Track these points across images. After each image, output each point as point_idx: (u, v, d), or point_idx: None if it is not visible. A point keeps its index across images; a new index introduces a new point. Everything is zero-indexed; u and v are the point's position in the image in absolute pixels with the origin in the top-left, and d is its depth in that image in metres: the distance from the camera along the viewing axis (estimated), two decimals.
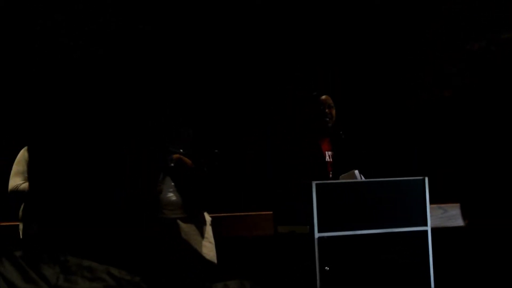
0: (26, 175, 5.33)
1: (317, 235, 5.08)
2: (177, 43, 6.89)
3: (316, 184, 5.08)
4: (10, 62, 6.43)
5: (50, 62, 6.48)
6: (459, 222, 5.84)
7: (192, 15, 6.89)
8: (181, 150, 5.60)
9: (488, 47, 6.41)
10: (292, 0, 7.08)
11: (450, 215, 6.22)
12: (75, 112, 6.21)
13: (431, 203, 5.45)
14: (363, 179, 5.43)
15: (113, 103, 6.48)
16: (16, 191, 5.33)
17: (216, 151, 5.54)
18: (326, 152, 5.77)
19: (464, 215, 5.93)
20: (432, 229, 5.33)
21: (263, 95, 7.18)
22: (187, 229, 5.54)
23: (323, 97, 5.80)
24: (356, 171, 5.43)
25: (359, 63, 7.25)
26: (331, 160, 5.78)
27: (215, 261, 5.59)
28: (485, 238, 5.93)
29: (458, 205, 5.71)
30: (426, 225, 5.30)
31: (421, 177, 5.32)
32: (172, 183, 5.51)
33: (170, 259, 4.56)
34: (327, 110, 5.74)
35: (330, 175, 5.75)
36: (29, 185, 5.27)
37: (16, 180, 5.35)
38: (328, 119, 5.73)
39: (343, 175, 5.50)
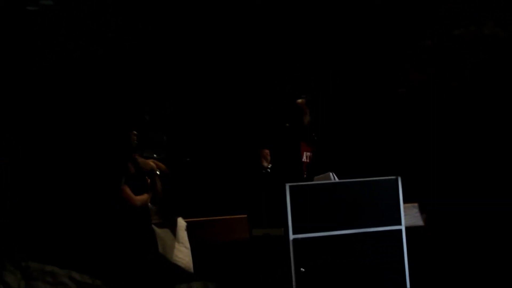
0: None
1: (291, 237, 5.09)
2: (169, 44, 6.87)
3: (290, 186, 5.10)
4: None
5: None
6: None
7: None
8: (155, 156, 5.59)
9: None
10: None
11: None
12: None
13: (406, 202, 5.49)
14: (337, 180, 5.45)
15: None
16: None
17: (188, 159, 5.55)
18: (305, 153, 5.80)
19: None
20: (407, 228, 5.37)
21: (240, 98, 7.17)
22: (163, 234, 5.52)
23: (299, 100, 5.84)
24: (331, 173, 5.45)
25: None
26: (308, 161, 5.80)
27: (191, 265, 5.57)
28: (459, 234, 5.97)
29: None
30: (400, 224, 5.33)
31: (394, 177, 5.35)
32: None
33: (135, 262, 4.55)
34: (304, 113, 5.78)
35: (305, 176, 5.77)
36: None
37: None
38: (305, 122, 5.78)
39: (317, 176, 5.53)
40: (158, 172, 5.27)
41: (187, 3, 6.91)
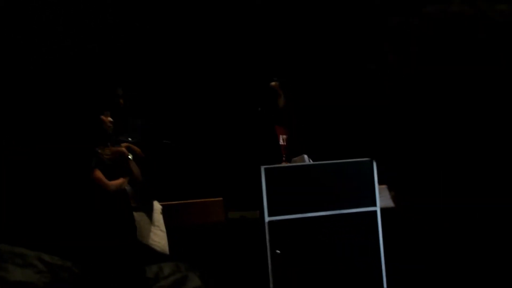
0: None
1: (267, 219, 5.11)
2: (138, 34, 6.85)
3: (265, 169, 5.12)
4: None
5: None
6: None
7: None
8: (130, 139, 5.57)
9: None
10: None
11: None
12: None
13: (381, 183, 5.52)
14: (311, 162, 5.48)
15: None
16: None
17: (167, 142, 5.53)
18: (281, 136, 5.81)
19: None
20: (382, 209, 5.41)
21: (214, 81, 7.17)
22: (138, 218, 5.51)
23: (273, 83, 5.83)
24: (305, 156, 5.47)
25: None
26: (285, 143, 5.81)
27: (167, 249, 5.57)
28: (434, 216, 6.00)
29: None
30: (375, 205, 5.37)
31: (368, 159, 5.38)
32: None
33: (107, 245, 4.54)
34: (279, 95, 5.78)
35: (284, 159, 5.78)
36: None
37: None
38: (279, 105, 5.77)
39: (294, 158, 5.55)
40: (130, 157, 5.24)
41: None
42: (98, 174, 5.01)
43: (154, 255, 4.73)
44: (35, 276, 3.86)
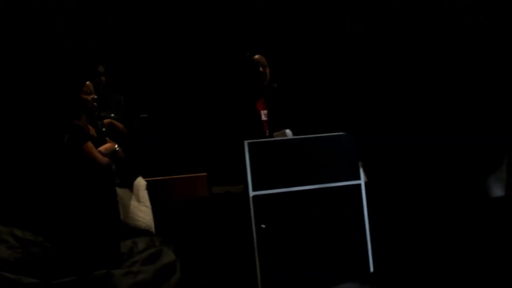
0: None
1: (251, 193, 5.10)
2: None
3: (249, 143, 5.10)
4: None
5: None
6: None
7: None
8: (112, 115, 5.56)
9: None
10: None
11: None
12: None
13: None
14: (294, 136, 5.47)
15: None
16: None
17: (144, 115, 5.52)
18: (262, 112, 5.79)
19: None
20: (367, 183, 5.41)
21: (197, 56, 7.14)
22: (122, 194, 5.51)
23: (257, 56, 5.80)
24: (288, 130, 5.46)
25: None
26: (267, 118, 5.80)
27: (152, 224, 5.58)
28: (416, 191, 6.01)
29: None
30: (359, 179, 5.37)
31: (349, 133, 5.36)
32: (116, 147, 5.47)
33: (81, 220, 4.53)
34: (261, 69, 5.76)
35: (267, 134, 5.77)
36: None
37: None
38: (262, 79, 5.75)
39: (275, 133, 5.54)
40: (117, 148, 5.23)
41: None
42: (91, 146, 5.00)
43: (141, 232, 4.74)
44: (6, 252, 3.86)
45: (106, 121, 5.48)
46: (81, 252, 4.06)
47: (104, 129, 5.41)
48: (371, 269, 5.28)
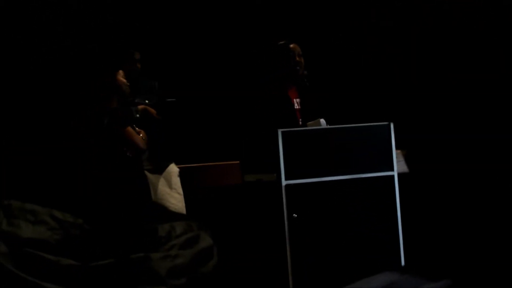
0: None
1: (284, 182, 5.10)
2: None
3: (282, 132, 5.09)
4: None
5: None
6: (404, 168, 5.87)
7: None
8: (147, 101, 5.57)
9: None
10: None
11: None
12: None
13: (398, 148, 5.50)
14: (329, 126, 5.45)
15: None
16: None
17: (172, 100, 5.51)
18: (295, 100, 5.77)
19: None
20: (400, 174, 5.38)
21: (229, 45, 7.13)
22: (155, 180, 5.53)
23: (292, 45, 5.78)
24: (322, 119, 5.44)
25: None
26: (299, 107, 5.78)
27: (184, 211, 5.60)
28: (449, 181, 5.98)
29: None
30: (392, 170, 5.34)
31: (386, 123, 5.34)
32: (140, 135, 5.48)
33: (119, 203, 4.56)
34: (297, 58, 5.73)
35: (300, 123, 5.75)
36: None
37: None
38: (298, 67, 5.72)
39: (309, 122, 5.52)
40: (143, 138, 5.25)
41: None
42: (131, 130, 5.02)
43: (167, 213, 4.75)
44: (46, 233, 3.88)
45: (140, 107, 5.49)
46: (119, 235, 4.08)
47: (138, 115, 5.42)
48: (402, 262, 5.26)
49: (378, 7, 6.80)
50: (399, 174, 5.37)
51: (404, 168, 5.83)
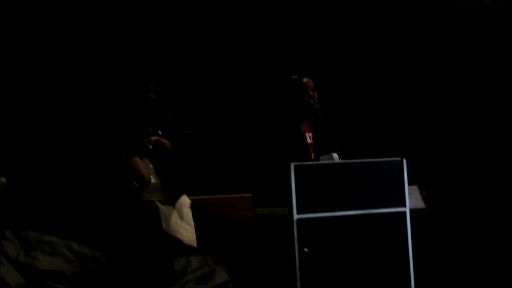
0: None
1: (295, 216, 5.08)
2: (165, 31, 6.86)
3: (295, 166, 5.09)
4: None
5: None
6: (419, 204, 5.86)
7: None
8: (160, 132, 5.58)
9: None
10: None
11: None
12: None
13: (410, 184, 5.48)
14: (341, 160, 5.44)
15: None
16: None
17: (187, 132, 5.52)
18: (307, 134, 5.77)
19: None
20: (411, 210, 5.36)
21: (242, 78, 7.15)
22: (166, 211, 5.52)
23: (305, 79, 5.79)
24: (335, 154, 5.44)
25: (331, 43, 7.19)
26: (312, 141, 5.77)
27: (195, 243, 5.58)
28: (461, 219, 5.96)
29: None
30: (404, 206, 5.31)
31: (398, 158, 5.33)
32: (151, 166, 5.48)
33: (136, 236, 4.54)
34: (310, 93, 5.74)
35: (313, 157, 5.74)
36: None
37: None
38: (312, 101, 5.73)
39: (322, 156, 5.51)
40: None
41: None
42: (138, 161, 5.02)
43: (183, 247, 4.73)
44: (64, 265, 3.86)
45: (153, 138, 5.50)
46: (136, 268, 4.06)
47: (150, 146, 5.43)
48: None
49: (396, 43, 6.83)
50: (412, 210, 5.34)
51: (419, 204, 5.81)
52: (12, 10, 6.32)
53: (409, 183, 5.38)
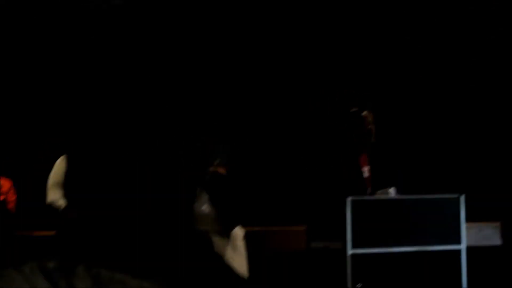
0: (62, 190, 5.32)
1: (350, 251, 5.05)
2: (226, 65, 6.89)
3: (351, 200, 5.06)
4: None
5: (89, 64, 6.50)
6: (496, 241, 5.77)
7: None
8: (217, 162, 5.59)
9: None
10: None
11: (485, 234, 6.15)
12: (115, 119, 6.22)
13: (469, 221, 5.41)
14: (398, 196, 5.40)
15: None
16: (53, 205, 5.33)
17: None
18: (365, 167, 5.74)
19: (503, 234, 5.86)
20: (468, 248, 5.29)
21: (304, 110, 7.13)
22: (220, 242, 5.50)
23: (365, 112, 5.78)
24: (391, 189, 5.40)
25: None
26: (369, 174, 5.74)
27: (247, 274, 5.55)
28: None
29: (497, 224, 5.65)
30: (460, 243, 5.25)
31: (456, 195, 5.28)
32: (207, 196, 5.49)
33: (198, 271, 4.55)
34: (369, 126, 5.73)
35: (369, 191, 5.71)
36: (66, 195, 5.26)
37: (55, 193, 5.35)
38: (371, 134, 5.72)
39: (378, 191, 5.48)
40: None
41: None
42: None
43: (238, 279, 4.74)
44: None
45: (210, 170, 5.51)
46: None
47: (207, 177, 5.44)
48: None
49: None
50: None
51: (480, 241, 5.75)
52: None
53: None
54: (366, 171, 5.72)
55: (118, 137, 5.86)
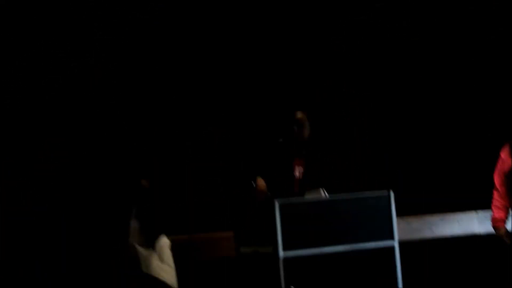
0: None
1: (281, 254, 4.95)
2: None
3: (280, 203, 4.96)
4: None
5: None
6: (426, 233, 5.80)
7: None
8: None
9: None
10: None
11: (414, 228, 6.16)
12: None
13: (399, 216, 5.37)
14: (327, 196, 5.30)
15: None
16: None
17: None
18: (297, 168, 5.62)
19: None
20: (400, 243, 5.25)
21: (226, 114, 7.00)
22: (146, 254, 5.37)
23: (298, 114, 5.65)
24: (321, 189, 5.30)
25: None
26: (300, 176, 5.61)
27: (175, 285, 5.43)
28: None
29: (424, 216, 5.67)
30: (393, 239, 5.19)
31: (385, 191, 5.22)
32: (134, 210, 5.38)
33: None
34: (303, 129, 5.60)
35: (297, 192, 5.60)
36: None
37: None
38: (302, 135, 5.59)
39: (308, 192, 5.38)
40: None
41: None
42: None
43: None
44: None
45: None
46: None
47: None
48: None
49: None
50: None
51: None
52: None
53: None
54: (297, 173, 5.59)
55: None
